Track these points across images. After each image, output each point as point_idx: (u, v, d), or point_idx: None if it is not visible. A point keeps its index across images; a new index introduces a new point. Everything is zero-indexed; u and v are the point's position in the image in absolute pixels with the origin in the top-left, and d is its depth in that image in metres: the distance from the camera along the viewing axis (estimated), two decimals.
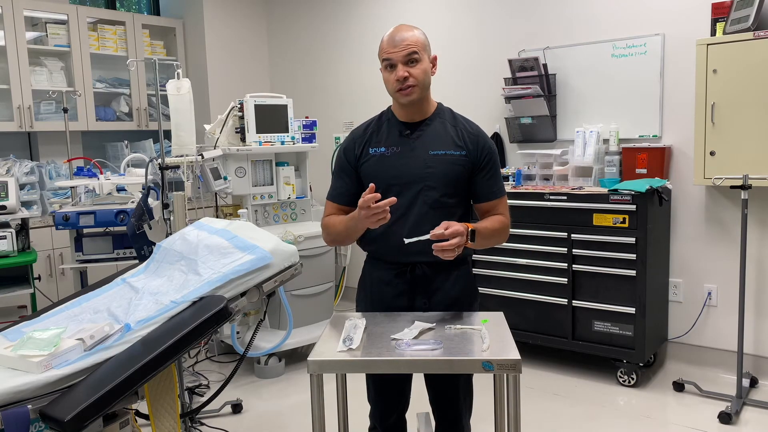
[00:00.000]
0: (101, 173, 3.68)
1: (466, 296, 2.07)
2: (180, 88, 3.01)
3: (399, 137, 2.01)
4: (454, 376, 2.03)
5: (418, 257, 1.98)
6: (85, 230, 3.53)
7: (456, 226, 1.81)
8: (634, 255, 3.27)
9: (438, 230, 1.79)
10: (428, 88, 1.99)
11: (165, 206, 3.05)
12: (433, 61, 1.99)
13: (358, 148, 2.05)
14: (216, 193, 3.76)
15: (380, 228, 1.89)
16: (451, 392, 2.07)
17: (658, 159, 3.48)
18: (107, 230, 3.57)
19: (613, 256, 3.33)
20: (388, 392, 2.12)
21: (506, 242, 2.07)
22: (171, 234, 2.74)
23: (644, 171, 3.50)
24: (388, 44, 1.93)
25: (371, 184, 1.81)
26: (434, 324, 1.83)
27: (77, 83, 4.75)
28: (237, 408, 3.26)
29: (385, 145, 2.01)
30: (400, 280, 2.01)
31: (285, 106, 3.95)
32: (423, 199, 1.96)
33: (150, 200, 3.13)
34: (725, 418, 2.93)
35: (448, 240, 1.78)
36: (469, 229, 1.85)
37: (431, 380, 2.08)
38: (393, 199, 1.81)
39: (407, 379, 2.13)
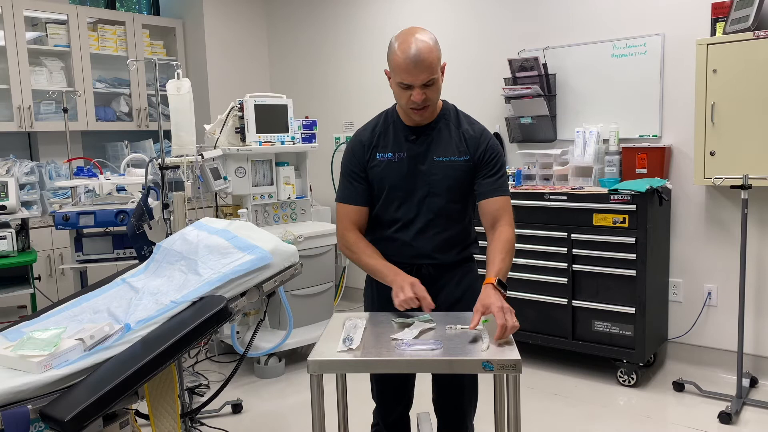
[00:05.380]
0: (101, 173, 3.68)
1: (470, 295, 2.06)
2: (180, 88, 3.01)
3: (405, 142, 2.00)
4: (461, 376, 2.04)
5: (423, 260, 1.99)
6: (85, 230, 3.53)
7: (489, 300, 1.74)
8: (634, 255, 3.27)
9: (475, 320, 1.73)
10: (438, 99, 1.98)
11: (165, 206, 3.05)
12: (443, 70, 1.94)
13: (367, 152, 2.03)
14: (216, 193, 3.76)
15: (386, 232, 1.90)
16: (456, 392, 2.07)
17: (658, 159, 3.48)
18: (107, 230, 3.57)
19: (613, 256, 3.33)
20: (391, 390, 2.13)
21: None
22: (171, 234, 2.74)
23: (644, 171, 3.50)
24: (405, 65, 1.83)
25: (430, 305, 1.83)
26: (434, 324, 1.83)
27: (77, 83, 4.75)
28: (237, 408, 3.26)
29: (391, 150, 2.00)
30: None
31: (285, 106, 3.95)
32: (428, 206, 1.97)
33: (150, 200, 3.13)
34: (725, 418, 2.93)
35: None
36: (495, 282, 1.80)
37: (438, 380, 2.08)
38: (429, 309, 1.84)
39: (411, 377, 2.13)
